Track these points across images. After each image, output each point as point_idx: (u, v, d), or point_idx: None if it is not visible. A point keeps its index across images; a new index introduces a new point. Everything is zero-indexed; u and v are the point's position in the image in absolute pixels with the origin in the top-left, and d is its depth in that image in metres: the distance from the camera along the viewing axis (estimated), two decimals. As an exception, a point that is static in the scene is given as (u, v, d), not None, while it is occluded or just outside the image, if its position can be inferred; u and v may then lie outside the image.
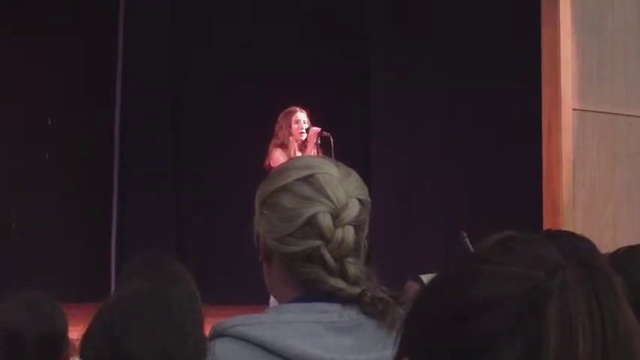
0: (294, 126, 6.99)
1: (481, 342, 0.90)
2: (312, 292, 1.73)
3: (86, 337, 1.72)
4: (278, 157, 6.82)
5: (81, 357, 1.72)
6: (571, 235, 2.53)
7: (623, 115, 7.19)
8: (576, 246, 2.43)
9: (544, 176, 7.06)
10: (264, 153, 6.94)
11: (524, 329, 0.90)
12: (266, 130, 7.08)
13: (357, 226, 1.74)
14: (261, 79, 9.34)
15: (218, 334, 1.72)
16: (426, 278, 3.70)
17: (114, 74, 9.91)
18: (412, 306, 0.99)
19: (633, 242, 2.46)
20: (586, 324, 0.89)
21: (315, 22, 9.45)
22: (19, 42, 9.39)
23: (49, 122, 9.67)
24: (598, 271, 0.94)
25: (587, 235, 2.51)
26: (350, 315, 1.71)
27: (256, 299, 5.50)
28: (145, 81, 9.88)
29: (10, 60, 9.36)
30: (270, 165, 6.79)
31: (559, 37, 6.94)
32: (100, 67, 9.81)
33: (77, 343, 2.18)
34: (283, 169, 1.83)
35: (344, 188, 1.74)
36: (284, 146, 6.94)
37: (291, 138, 6.95)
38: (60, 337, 2.86)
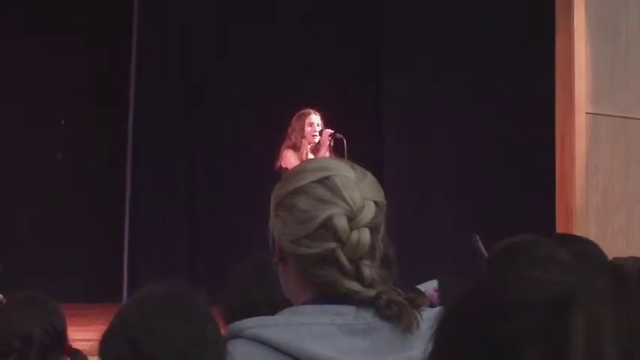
0: (308, 129, 6.99)
1: (503, 347, 0.90)
2: (327, 295, 1.73)
3: (106, 337, 1.73)
4: (289, 158, 6.82)
5: (100, 357, 1.72)
6: (580, 239, 2.54)
7: (636, 119, 7.17)
8: (586, 250, 2.41)
9: (557, 180, 7.05)
10: (277, 156, 6.95)
11: (549, 336, 0.89)
12: (280, 133, 7.09)
13: (373, 229, 1.73)
14: (273, 82, 9.33)
15: (233, 336, 1.72)
16: (423, 287, 3.72)
17: (128, 76, 9.93)
18: (443, 315, 0.99)
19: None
20: (612, 333, 0.88)
21: (328, 23, 9.45)
22: (32, 42, 9.42)
23: (62, 122, 9.69)
24: (628, 279, 0.93)
25: (599, 239, 2.51)
26: (365, 318, 1.71)
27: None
28: (159, 82, 9.89)
29: (24, 60, 9.39)
30: (281, 167, 6.79)
31: (573, 41, 6.94)
32: (114, 68, 9.82)
33: (90, 344, 2.19)
34: (299, 170, 1.83)
35: (360, 190, 1.73)
36: (296, 148, 6.94)
37: (303, 140, 6.95)
38: (63, 332, 2.90)
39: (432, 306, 1.80)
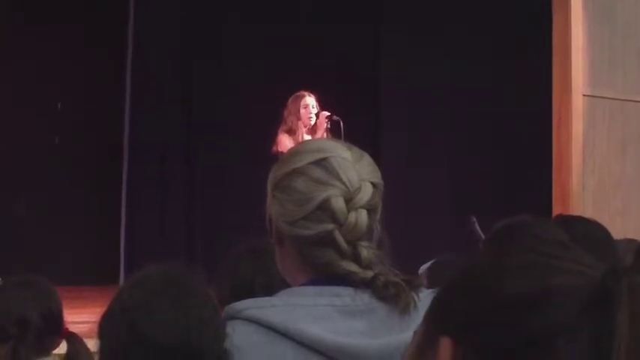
0: (303, 111, 6.98)
1: (544, 333, 0.89)
2: (324, 276, 1.73)
3: (104, 319, 1.72)
4: (285, 142, 6.81)
5: (99, 339, 1.72)
6: (583, 221, 2.51)
7: (633, 101, 7.17)
8: (591, 232, 2.38)
9: (554, 162, 7.06)
10: (274, 141, 6.94)
11: (592, 326, 0.88)
12: (278, 117, 7.07)
13: (370, 210, 1.73)
14: (271, 67, 9.30)
15: (230, 317, 1.72)
16: (422, 268, 3.70)
17: (125, 59, 9.90)
18: (451, 287, 0.97)
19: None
20: None
21: (325, 5, 9.42)
22: (30, 26, 9.39)
23: (59, 106, 9.68)
24: None
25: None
26: (362, 299, 1.71)
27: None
28: (156, 64, 9.87)
29: (21, 44, 9.36)
30: (277, 151, 6.78)
31: (570, 23, 6.93)
32: (112, 52, 9.80)
33: (88, 326, 2.19)
34: (296, 151, 1.82)
35: (357, 171, 1.73)
36: (292, 132, 6.93)
37: (299, 123, 6.94)
38: (60, 317, 2.89)
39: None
